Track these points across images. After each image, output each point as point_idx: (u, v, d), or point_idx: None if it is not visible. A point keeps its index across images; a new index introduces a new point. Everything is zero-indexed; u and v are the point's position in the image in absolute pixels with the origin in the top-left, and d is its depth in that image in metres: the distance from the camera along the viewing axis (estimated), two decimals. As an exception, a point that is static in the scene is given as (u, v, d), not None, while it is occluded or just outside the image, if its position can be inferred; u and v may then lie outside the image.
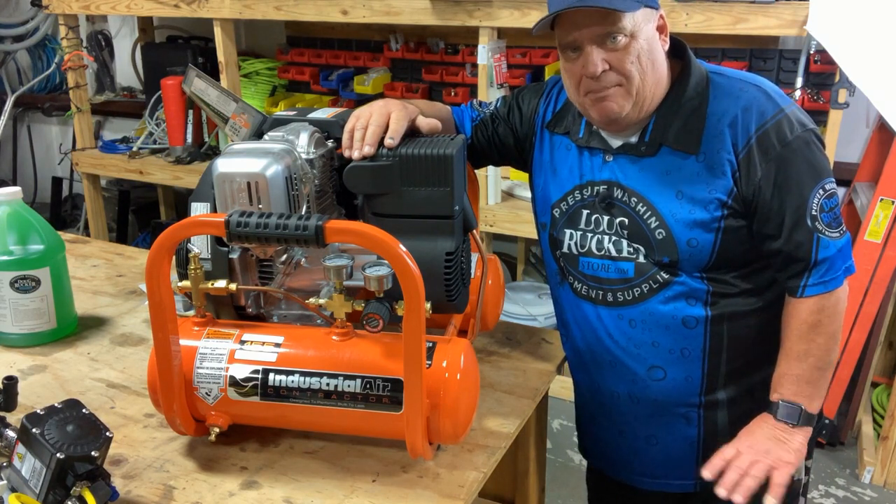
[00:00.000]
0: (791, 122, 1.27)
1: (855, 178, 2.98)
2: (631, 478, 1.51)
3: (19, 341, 1.55)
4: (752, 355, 1.37)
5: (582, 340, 1.46)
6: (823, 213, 1.26)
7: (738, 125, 1.27)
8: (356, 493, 1.14)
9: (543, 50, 3.21)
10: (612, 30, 1.23)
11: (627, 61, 1.25)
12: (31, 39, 4.60)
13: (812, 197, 1.26)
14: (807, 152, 1.26)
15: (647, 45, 1.26)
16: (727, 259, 1.31)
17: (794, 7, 2.30)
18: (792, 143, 1.26)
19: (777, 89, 1.32)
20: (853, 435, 2.92)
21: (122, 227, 4.37)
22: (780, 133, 1.26)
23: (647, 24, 1.26)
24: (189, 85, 3.26)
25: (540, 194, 1.48)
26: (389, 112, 1.24)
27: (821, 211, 1.26)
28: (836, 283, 1.28)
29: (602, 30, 1.23)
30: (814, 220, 1.26)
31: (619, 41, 1.24)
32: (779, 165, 1.25)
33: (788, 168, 1.26)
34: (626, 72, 1.25)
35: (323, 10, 2.98)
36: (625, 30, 1.23)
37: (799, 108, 1.31)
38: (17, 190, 1.55)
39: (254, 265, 1.24)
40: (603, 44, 1.24)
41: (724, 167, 1.28)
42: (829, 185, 1.27)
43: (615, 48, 1.24)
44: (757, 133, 1.26)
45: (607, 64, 1.25)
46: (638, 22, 1.24)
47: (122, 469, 1.18)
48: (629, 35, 1.24)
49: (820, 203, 1.26)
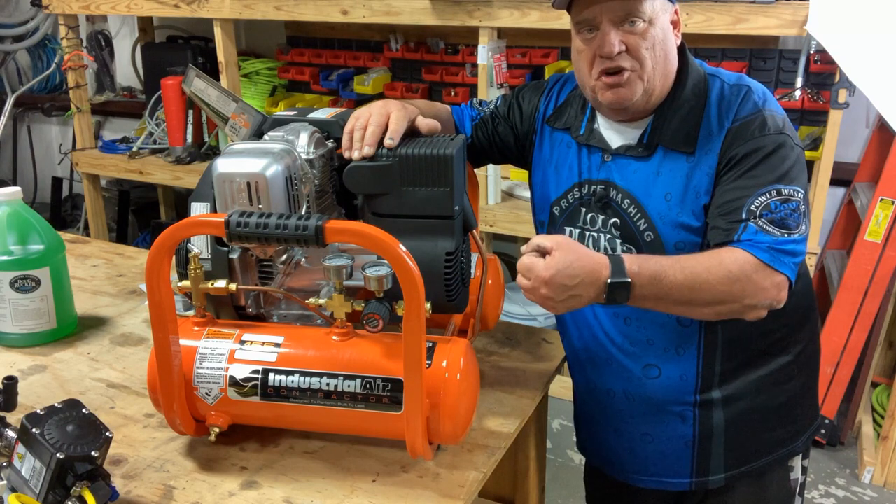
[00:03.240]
0: (765, 122, 1.26)
1: (855, 178, 2.98)
2: (627, 476, 1.51)
3: (19, 341, 1.55)
4: (746, 354, 1.37)
5: (578, 339, 1.47)
6: (766, 212, 1.21)
7: (726, 127, 1.28)
8: (356, 493, 1.14)
9: (543, 50, 3.21)
10: (631, 11, 1.23)
11: (643, 47, 1.25)
12: (31, 39, 4.60)
13: (759, 195, 1.21)
14: (770, 154, 1.24)
15: (662, 35, 1.27)
16: None
17: (794, 7, 2.30)
18: (758, 140, 1.25)
19: (766, 93, 1.32)
20: (853, 435, 2.92)
21: (122, 227, 4.37)
22: (749, 128, 1.25)
23: (664, 14, 1.27)
24: (189, 85, 3.26)
25: (539, 192, 1.49)
26: (389, 112, 1.24)
27: (764, 209, 1.21)
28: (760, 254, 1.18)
29: (622, 10, 1.23)
30: (751, 214, 1.21)
31: (637, 25, 1.24)
32: (737, 157, 1.25)
33: (745, 162, 1.24)
34: (641, 57, 1.26)
35: (323, 10, 2.98)
36: (644, 14, 1.24)
37: (784, 117, 1.29)
38: (17, 190, 1.55)
39: (254, 265, 1.24)
40: (621, 25, 1.25)
41: (711, 168, 1.28)
42: (785, 190, 1.21)
43: (633, 31, 1.24)
44: (730, 126, 1.27)
45: (624, 45, 1.25)
46: (657, 9, 1.25)
47: (122, 469, 1.18)
48: (647, 20, 1.24)
49: (767, 202, 1.21)
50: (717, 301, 1.19)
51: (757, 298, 1.19)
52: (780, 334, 1.37)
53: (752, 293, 1.18)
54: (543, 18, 2.61)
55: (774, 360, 1.38)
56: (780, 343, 1.38)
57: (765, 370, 1.37)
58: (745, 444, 1.40)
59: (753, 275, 1.18)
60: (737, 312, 1.21)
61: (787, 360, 1.39)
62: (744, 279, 1.17)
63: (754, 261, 1.18)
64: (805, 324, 1.41)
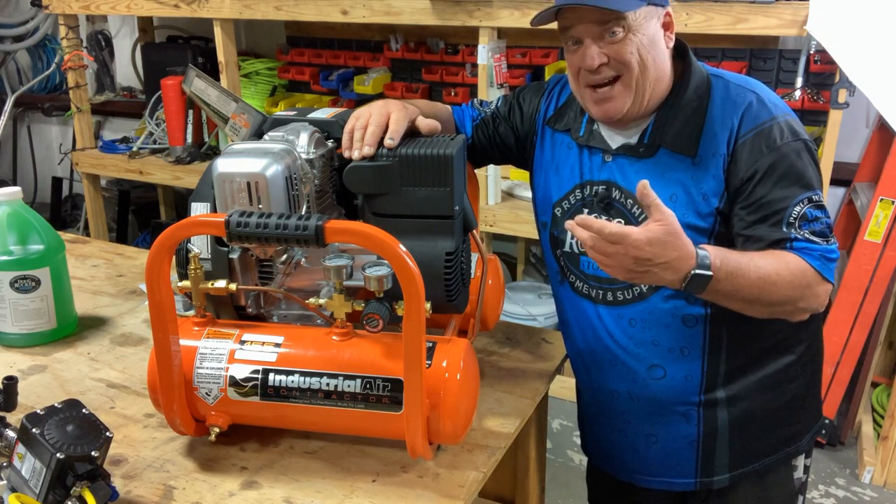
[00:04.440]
0: (782, 129, 1.27)
1: (855, 178, 2.98)
2: (631, 476, 1.51)
3: (19, 341, 1.55)
4: (751, 354, 1.37)
5: (582, 340, 1.47)
6: (805, 222, 1.24)
7: (732, 129, 1.28)
8: (356, 493, 1.14)
9: (543, 50, 3.21)
10: (609, 25, 1.25)
11: (626, 52, 1.26)
12: (31, 39, 4.60)
13: (794, 205, 1.24)
14: (795, 160, 1.25)
15: (648, 41, 1.27)
16: None
17: (794, 7, 2.30)
18: (781, 149, 1.25)
19: (775, 97, 1.32)
20: (853, 435, 2.92)
21: (122, 227, 4.37)
22: (769, 138, 1.26)
23: (650, 21, 1.27)
24: (189, 85, 3.26)
25: (541, 193, 1.49)
26: (389, 112, 1.24)
27: (802, 219, 1.24)
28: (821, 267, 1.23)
29: (598, 26, 1.25)
30: (790, 226, 1.24)
31: (616, 35, 1.25)
32: (763, 168, 1.25)
33: (773, 172, 1.25)
34: (625, 61, 1.26)
35: (323, 10, 2.98)
36: (622, 24, 1.24)
37: (795, 118, 1.31)
38: (17, 190, 1.55)
39: (254, 265, 1.24)
40: (601, 38, 1.26)
41: (718, 171, 1.28)
42: (815, 196, 1.25)
43: (613, 41, 1.26)
44: (746, 136, 1.27)
45: (605, 57, 1.27)
46: (639, 17, 1.25)
47: (122, 469, 1.18)
48: (627, 29, 1.25)
49: (803, 212, 1.24)
50: (779, 303, 1.23)
51: (810, 303, 1.25)
52: (784, 334, 1.37)
53: (809, 298, 1.24)
54: (543, 18, 2.60)
55: (778, 359, 1.38)
56: (784, 342, 1.38)
57: (769, 370, 1.37)
58: (749, 444, 1.40)
59: (812, 281, 1.23)
60: (788, 314, 1.26)
61: (790, 360, 1.39)
62: (804, 286, 1.22)
63: (811, 269, 1.23)
64: (808, 323, 1.40)
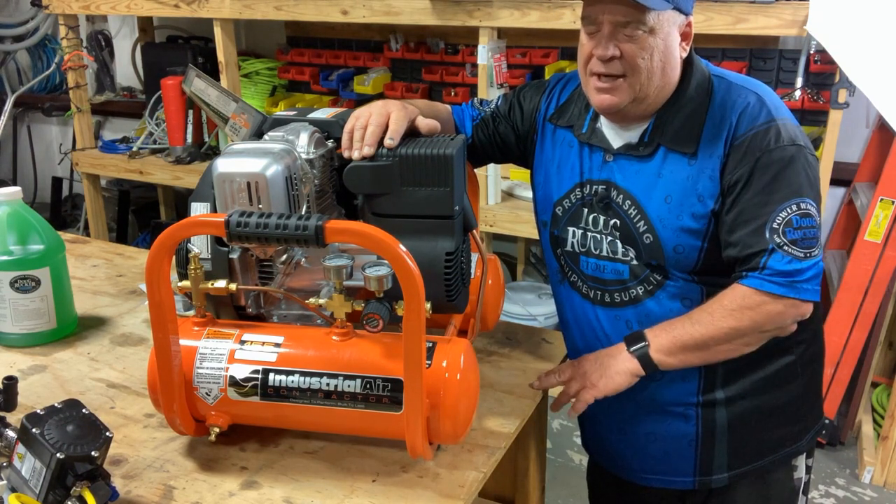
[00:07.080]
0: (779, 132, 1.25)
1: (855, 178, 2.98)
2: (631, 474, 1.51)
3: (19, 341, 1.55)
4: (750, 355, 1.36)
5: (581, 339, 1.47)
6: (789, 229, 1.22)
7: (730, 129, 1.27)
8: (356, 493, 1.14)
9: (543, 50, 3.22)
10: (633, 20, 1.23)
11: (639, 56, 1.25)
12: (31, 39, 4.60)
13: (780, 210, 1.23)
14: (787, 165, 1.24)
15: (664, 46, 1.26)
16: (715, 264, 1.30)
17: (794, 7, 2.30)
18: (773, 153, 1.24)
19: (778, 101, 1.31)
20: (853, 435, 2.92)
21: (122, 227, 4.37)
22: (764, 139, 1.25)
23: (671, 26, 1.26)
24: (189, 85, 3.26)
25: (541, 192, 1.48)
26: (389, 112, 1.24)
27: (786, 225, 1.22)
28: (774, 288, 1.22)
29: (623, 18, 1.24)
30: (773, 232, 1.22)
31: (637, 33, 1.24)
32: (753, 170, 1.24)
33: (762, 176, 1.24)
34: (635, 65, 1.26)
35: (323, 10, 2.98)
36: (645, 24, 1.24)
37: (796, 124, 1.29)
38: (17, 190, 1.55)
39: (254, 265, 1.24)
40: (622, 29, 1.25)
41: (715, 172, 1.27)
42: (804, 204, 1.23)
43: (631, 37, 1.25)
44: (742, 137, 1.26)
45: (618, 51, 1.26)
46: (662, 20, 1.25)
47: (122, 469, 1.18)
48: (649, 29, 1.24)
49: (789, 218, 1.22)
50: (731, 338, 1.26)
51: (774, 323, 1.26)
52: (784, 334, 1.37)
53: (765, 321, 1.25)
54: (543, 18, 2.61)
55: (778, 359, 1.38)
56: (784, 343, 1.37)
57: (768, 370, 1.37)
58: (748, 444, 1.40)
59: (761, 306, 1.24)
60: (765, 338, 1.29)
61: (790, 360, 1.39)
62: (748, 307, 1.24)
63: (759, 294, 1.23)
64: (808, 324, 1.40)
